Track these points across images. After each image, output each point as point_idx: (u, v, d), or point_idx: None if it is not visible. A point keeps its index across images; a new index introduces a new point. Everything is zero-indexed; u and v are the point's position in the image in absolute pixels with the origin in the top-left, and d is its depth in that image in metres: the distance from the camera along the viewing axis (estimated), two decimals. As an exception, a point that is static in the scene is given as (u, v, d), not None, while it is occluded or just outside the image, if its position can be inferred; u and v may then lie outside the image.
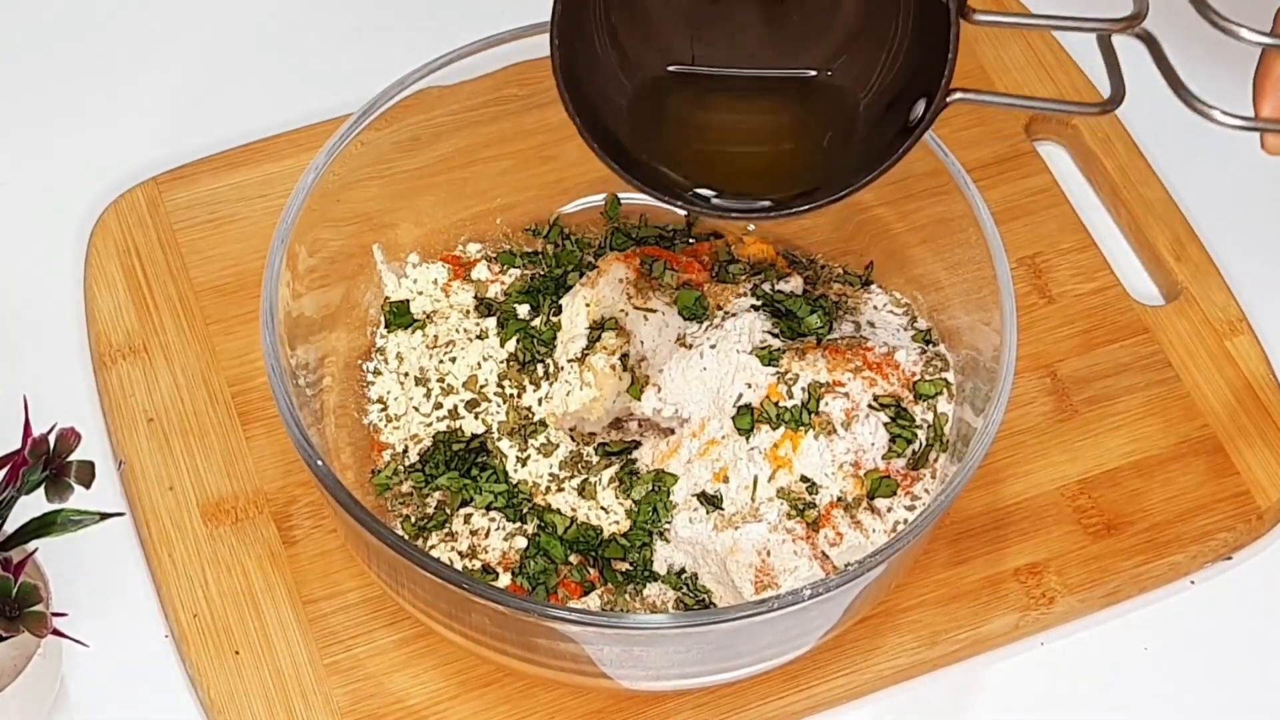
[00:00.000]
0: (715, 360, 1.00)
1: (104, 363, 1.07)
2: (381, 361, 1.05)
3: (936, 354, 1.03)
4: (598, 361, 1.00)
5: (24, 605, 0.88)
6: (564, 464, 1.01)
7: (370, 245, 1.05)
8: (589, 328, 1.01)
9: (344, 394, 1.03)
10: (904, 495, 0.99)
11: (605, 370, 1.00)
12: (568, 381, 1.01)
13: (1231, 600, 1.04)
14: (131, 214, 1.12)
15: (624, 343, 1.00)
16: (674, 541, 0.98)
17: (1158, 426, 1.07)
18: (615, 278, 1.02)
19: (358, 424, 1.03)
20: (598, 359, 1.00)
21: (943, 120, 1.15)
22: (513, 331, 1.04)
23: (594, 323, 1.01)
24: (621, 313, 1.01)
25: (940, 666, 1.01)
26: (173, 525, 1.02)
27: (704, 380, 1.00)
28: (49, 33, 1.21)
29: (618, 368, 1.00)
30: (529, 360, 1.03)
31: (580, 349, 1.01)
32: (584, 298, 1.02)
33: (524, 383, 1.03)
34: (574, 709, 0.98)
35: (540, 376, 1.02)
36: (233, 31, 1.22)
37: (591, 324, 1.01)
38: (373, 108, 1.01)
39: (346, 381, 1.03)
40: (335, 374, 1.03)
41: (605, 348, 1.00)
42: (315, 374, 1.00)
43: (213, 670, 0.98)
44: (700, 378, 1.00)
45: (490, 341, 1.04)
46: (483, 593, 0.88)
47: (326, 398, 1.01)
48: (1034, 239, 1.13)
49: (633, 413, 1.01)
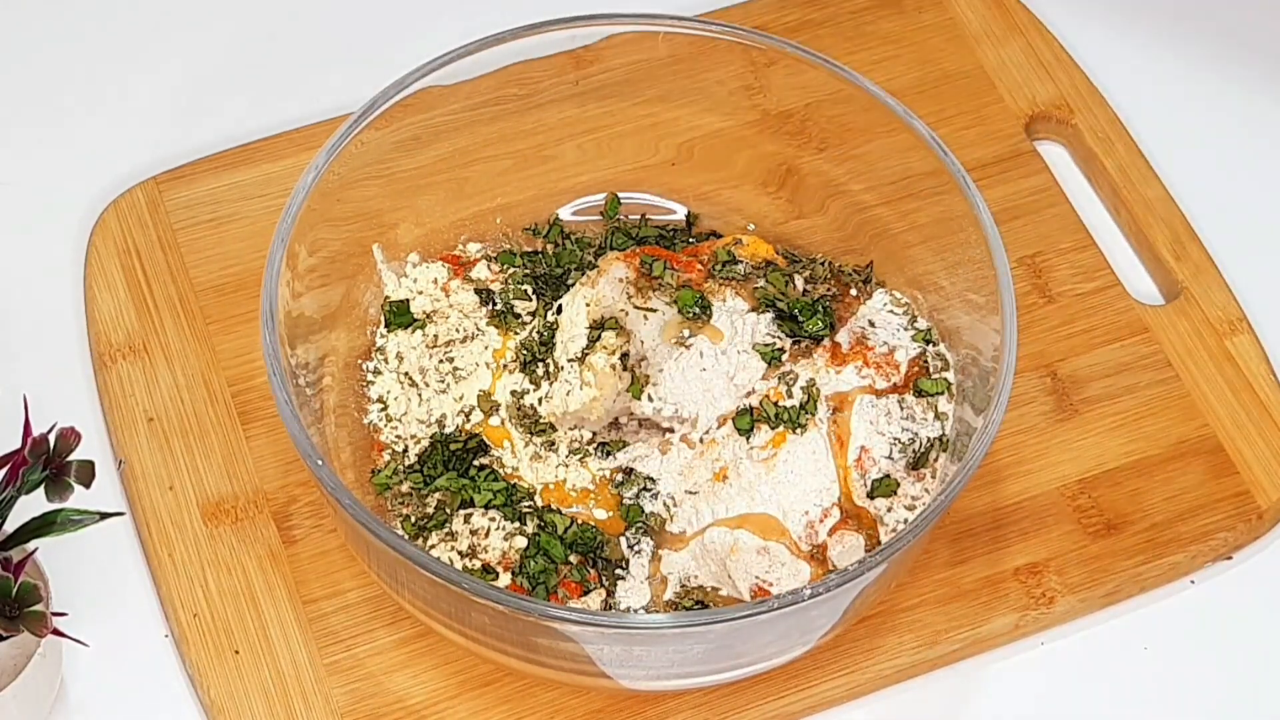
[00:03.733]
0: (715, 360, 1.00)
1: (104, 362, 1.07)
2: (381, 361, 1.05)
3: (937, 354, 1.03)
4: (598, 361, 1.00)
5: (24, 605, 0.88)
6: (563, 464, 1.01)
7: (370, 245, 1.05)
8: (589, 327, 1.01)
9: (344, 394, 1.03)
10: (904, 495, 0.99)
11: (605, 370, 1.00)
12: (568, 381, 1.01)
13: (1231, 600, 1.04)
14: (131, 213, 1.12)
15: (624, 342, 1.00)
16: (672, 543, 0.99)
17: (1158, 426, 1.07)
18: (615, 277, 1.02)
19: (358, 424, 1.03)
20: (598, 358, 1.00)
21: (942, 120, 1.15)
22: (513, 326, 1.04)
23: (594, 322, 1.01)
24: (622, 312, 1.01)
25: (940, 666, 1.01)
26: (173, 525, 1.02)
27: (704, 380, 1.00)
28: (49, 32, 1.21)
29: (618, 367, 1.00)
30: (529, 360, 1.03)
31: (580, 348, 1.01)
32: (584, 297, 1.02)
33: (524, 383, 1.03)
34: (573, 709, 0.98)
35: (540, 376, 1.02)
36: (233, 31, 1.22)
37: (591, 323, 1.01)
38: (373, 107, 1.01)
39: (346, 381, 1.03)
40: (335, 374, 1.03)
41: (605, 347, 1.00)
42: (315, 374, 1.00)
43: (213, 670, 0.98)
44: (700, 378, 1.00)
45: (491, 341, 1.04)
46: (483, 593, 0.88)
47: (326, 397, 1.01)
48: (1034, 238, 1.13)
49: (632, 412, 1.01)
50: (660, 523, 0.99)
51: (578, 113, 1.09)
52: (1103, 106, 1.18)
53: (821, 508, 0.98)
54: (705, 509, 0.98)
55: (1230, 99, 1.21)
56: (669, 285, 1.03)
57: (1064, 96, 1.18)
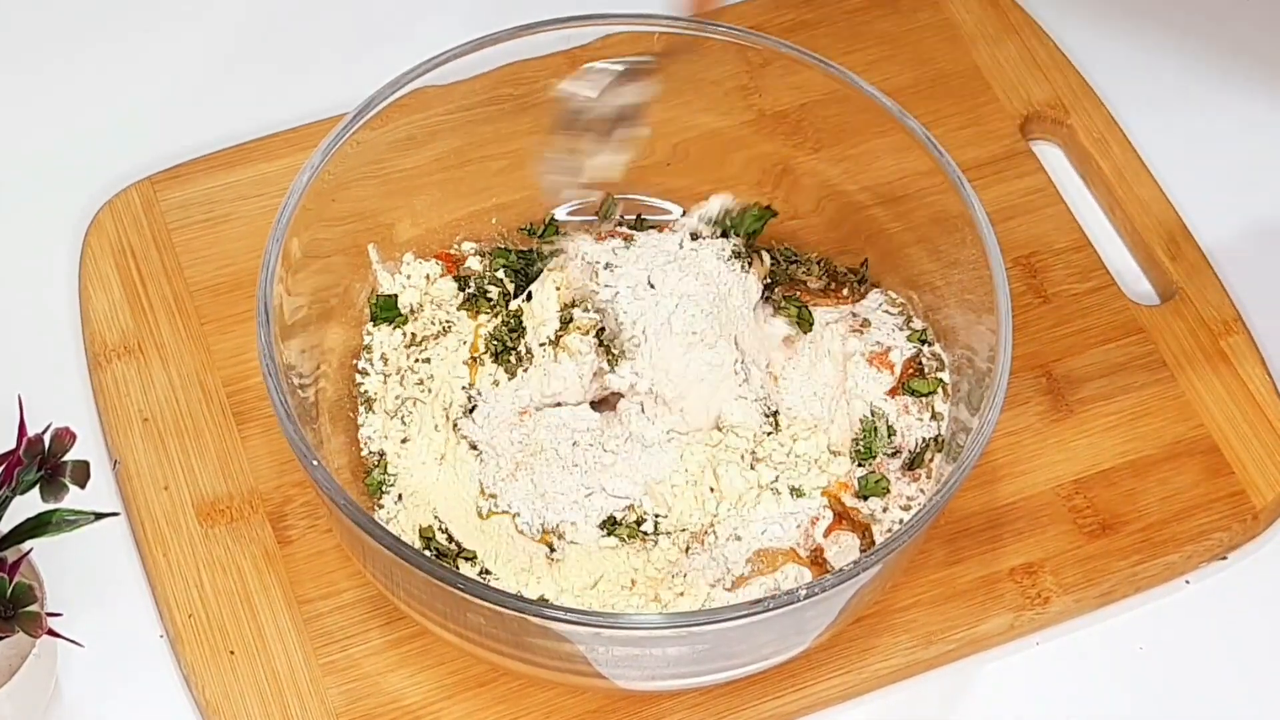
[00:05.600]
0: (705, 350, 0.99)
1: (99, 362, 1.07)
2: (368, 361, 1.04)
3: (932, 353, 1.03)
4: (572, 341, 0.99)
5: (19, 605, 0.87)
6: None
7: (365, 245, 1.05)
8: (560, 309, 1.01)
9: (339, 393, 1.03)
10: (899, 495, 0.99)
11: (580, 349, 0.99)
12: (542, 365, 1.00)
13: (1227, 600, 1.04)
14: (126, 213, 1.12)
15: (597, 320, 1.00)
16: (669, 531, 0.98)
17: (1153, 426, 1.07)
18: (581, 253, 1.02)
19: (352, 423, 1.03)
20: (571, 338, 0.99)
21: (937, 120, 1.15)
22: (483, 309, 1.03)
23: (565, 305, 1.01)
24: (593, 292, 1.01)
25: (936, 666, 1.01)
26: (168, 525, 1.02)
27: (687, 365, 0.99)
28: (44, 32, 1.21)
29: (593, 345, 0.99)
30: (501, 350, 1.02)
31: (553, 331, 1.00)
32: (554, 281, 1.01)
33: (499, 372, 1.02)
34: (569, 709, 0.98)
35: (514, 364, 1.02)
36: (228, 30, 1.22)
37: (562, 306, 1.01)
38: (368, 107, 1.01)
39: (341, 381, 1.03)
40: (330, 374, 1.03)
41: (579, 326, 1.00)
42: (310, 374, 1.00)
43: (208, 670, 0.98)
44: (685, 359, 0.99)
45: (464, 332, 1.04)
46: (478, 592, 0.88)
47: (321, 397, 1.01)
48: (1029, 238, 1.13)
49: (609, 387, 1.00)
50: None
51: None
52: (1098, 107, 1.18)
53: (810, 514, 0.98)
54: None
55: (1225, 99, 1.21)
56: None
57: (1059, 97, 1.18)
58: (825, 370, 1.02)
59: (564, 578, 0.97)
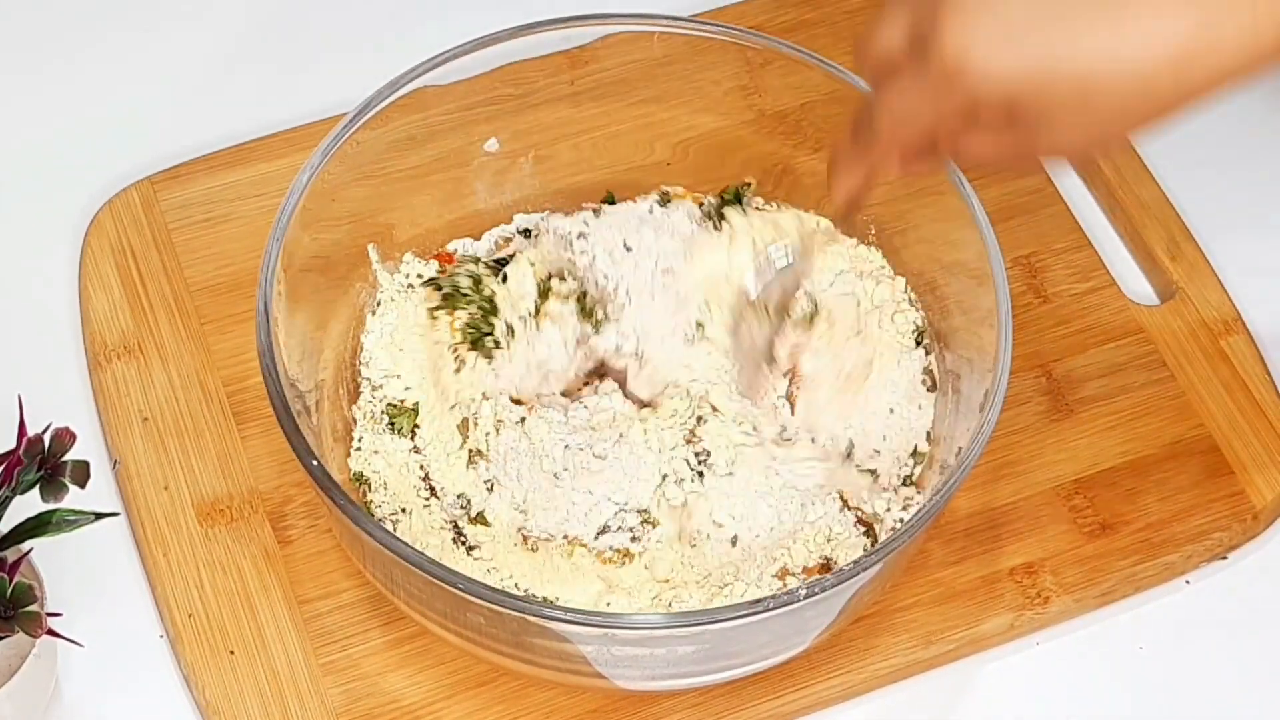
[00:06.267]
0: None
1: (99, 362, 1.07)
2: (361, 364, 1.04)
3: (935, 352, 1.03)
4: (553, 306, 0.99)
5: (19, 605, 0.87)
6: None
7: (365, 245, 1.05)
8: (538, 284, 1.00)
9: (338, 393, 1.03)
10: (900, 495, 0.99)
11: (563, 313, 0.99)
12: (524, 336, 0.99)
13: (1227, 600, 1.04)
14: (126, 214, 1.12)
15: (578, 286, 0.99)
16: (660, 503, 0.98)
17: (1153, 426, 1.07)
18: (552, 227, 1.02)
19: (351, 423, 1.03)
20: (552, 304, 0.99)
21: (938, 120, 1.15)
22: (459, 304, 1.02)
23: (541, 279, 1.00)
24: (569, 261, 1.00)
25: (935, 666, 1.01)
26: (168, 525, 1.02)
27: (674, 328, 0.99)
28: (43, 32, 1.21)
29: (574, 310, 0.99)
30: (478, 338, 1.01)
31: (532, 304, 1.00)
32: (528, 258, 1.01)
33: (478, 360, 1.01)
34: (568, 709, 0.98)
35: (491, 348, 1.01)
36: (228, 30, 1.22)
37: (539, 281, 1.00)
38: (368, 107, 1.01)
39: (340, 381, 1.03)
40: (329, 373, 1.03)
41: (558, 294, 0.99)
42: (310, 374, 1.00)
43: (208, 670, 0.98)
44: (665, 292, 0.99)
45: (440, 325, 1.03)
46: (477, 592, 0.88)
47: (321, 397, 1.01)
48: (1029, 238, 1.13)
49: (595, 351, 0.99)
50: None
51: (573, 113, 1.09)
52: (1098, 107, 1.18)
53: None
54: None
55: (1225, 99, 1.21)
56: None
57: (1059, 97, 1.18)
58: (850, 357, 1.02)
59: (563, 582, 0.97)
